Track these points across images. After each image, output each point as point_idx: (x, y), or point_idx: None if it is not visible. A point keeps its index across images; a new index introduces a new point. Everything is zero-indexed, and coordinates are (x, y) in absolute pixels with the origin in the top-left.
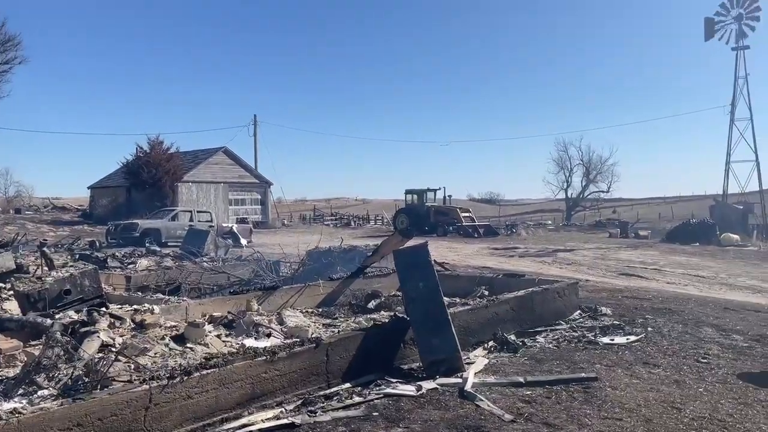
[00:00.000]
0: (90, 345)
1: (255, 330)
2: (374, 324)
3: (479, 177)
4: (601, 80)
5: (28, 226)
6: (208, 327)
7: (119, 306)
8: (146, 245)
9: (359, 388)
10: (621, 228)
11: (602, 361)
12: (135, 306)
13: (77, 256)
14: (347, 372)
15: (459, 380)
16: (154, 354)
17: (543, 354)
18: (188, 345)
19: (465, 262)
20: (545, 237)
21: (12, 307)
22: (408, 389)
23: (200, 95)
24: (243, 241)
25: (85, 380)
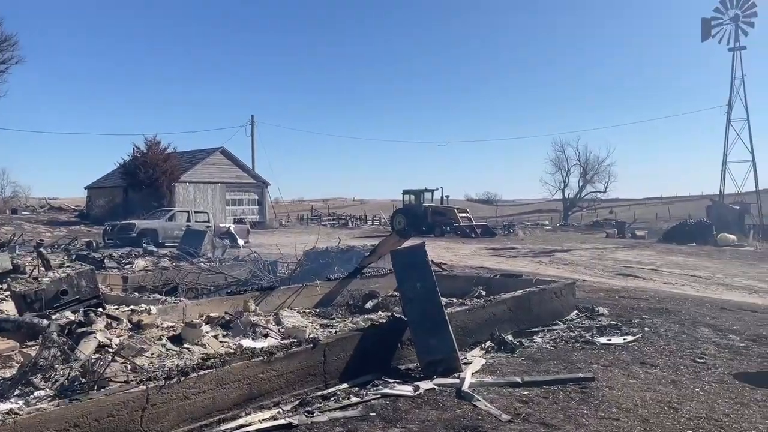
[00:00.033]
0: (87, 345)
1: (252, 330)
2: (372, 324)
3: (477, 177)
4: (600, 80)
5: (25, 227)
6: (206, 327)
7: (116, 306)
8: (143, 246)
9: (356, 389)
10: (618, 228)
11: (599, 361)
12: (132, 306)
13: (74, 257)
14: (344, 372)
15: (456, 380)
16: (151, 354)
17: (540, 354)
18: (185, 345)
19: (462, 263)
20: (542, 237)
21: (8, 308)
22: (405, 389)
23: (198, 95)
24: (240, 242)
25: (82, 381)
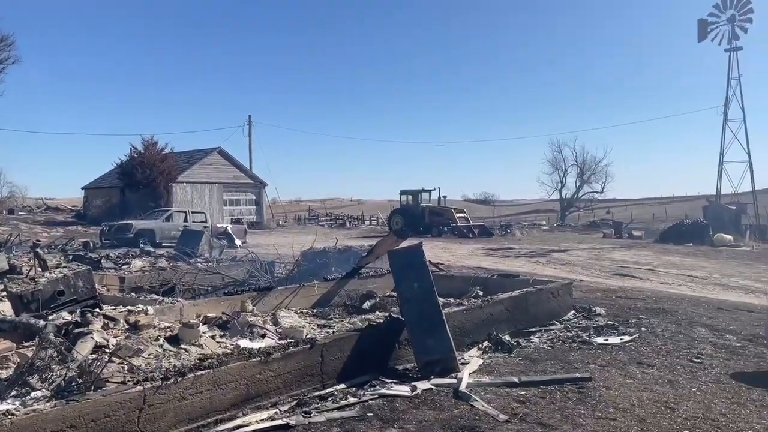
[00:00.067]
0: (83, 346)
1: (249, 331)
2: (369, 324)
3: (474, 177)
4: (597, 81)
5: (22, 227)
6: (203, 328)
7: (113, 307)
8: (140, 246)
9: (354, 389)
10: (615, 228)
11: (596, 361)
12: (129, 307)
13: (71, 257)
14: (342, 372)
15: (454, 380)
16: (148, 355)
17: (537, 354)
18: (182, 346)
19: (460, 263)
20: (540, 237)
21: (5, 308)
22: (403, 390)
23: (195, 95)
24: (237, 242)
25: (79, 381)
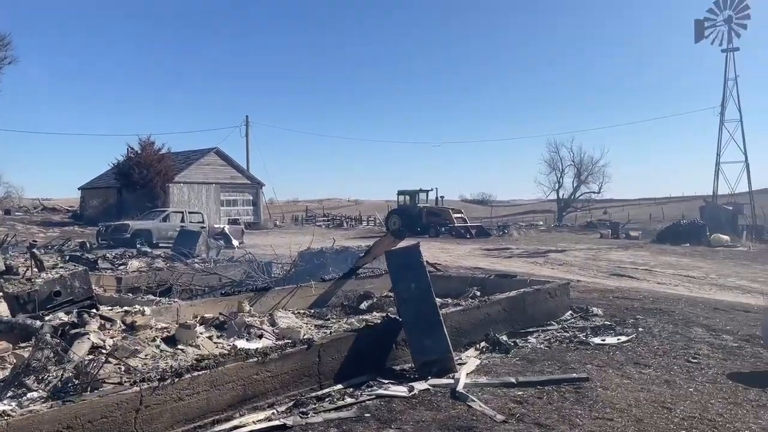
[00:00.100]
0: (80, 347)
1: (247, 331)
2: (366, 325)
3: (471, 178)
4: (595, 81)
5: (18, 227)
6: (200, 328)
7: (110, 307)
8: (137, 246)
9: (351, 389)
10: (612, 229)
11: (593, 362)
12: (126, 307)
13: (67, 258)
14: (339, 373)
15: (451, 381)
16: (145, 356)
17: (534, 354)
18: (179, 346)
19: (457, 263)
20: (537, 238)
21: (1, 309)
22: (400, 390)
23: (193, 96)
24: (235, 242)
25: (75, 382)
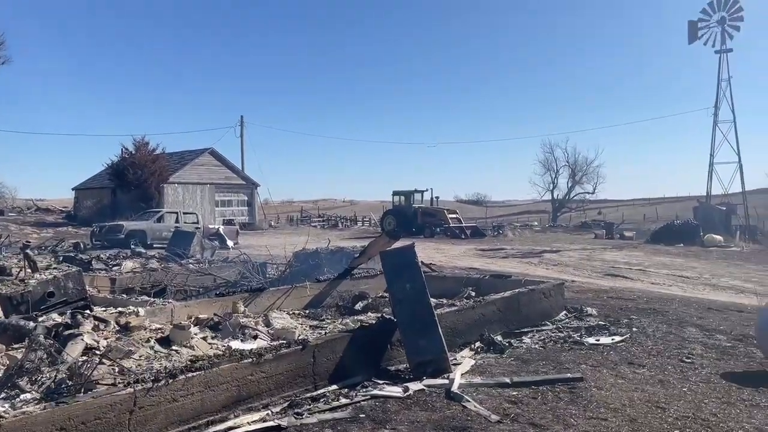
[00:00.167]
0: (74, 348)
1: (241, 332)
2: (361, 325)
3: (467, 178)
4: (591, 81)
5: (12, 228)
6: (194, 329)
7: (104, 308)
8: (131, 247)
9: (346, 390)
10: (606, 229)
11: (588, 362)
12: (120, 308)
13: (61, 259)
14: (334, 374)
15: (446, 381)
16: (139, 357)
17: (529, 354)
18: (173, 347)
19: (452, 263)
20: (531, 238)
21: None
22: (395, 390)
23: (188, 96)
24: (229, 243)
25: (69, 383)
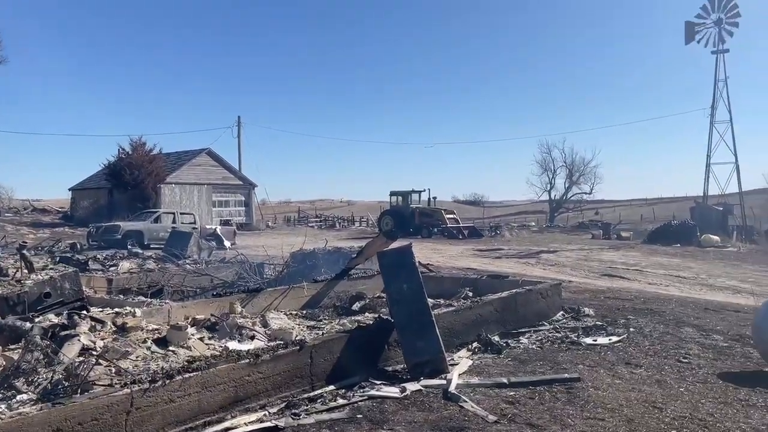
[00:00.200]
0: (70, 349)
1: (238, 333)
2: (358, 326)
3: (464, 179)
4: (589, 82)
5: (8, 229)
6: (191, 330)
7: (100, 309)
8: (128, 247)
9: (343, 390)
10: (603, 229)
11: (585, 362)
12: (116, 309)
13: (58, 259)
14: (331, 374)
15: (443, 381)
16: (136, 357)
17: (526, 355)
18: (170, 348)
19: (449, 264)
20: (529, 238)
21: None
22: (392, 391)
23: (185, 96)
24: (227, 243)
25: (65, 384)
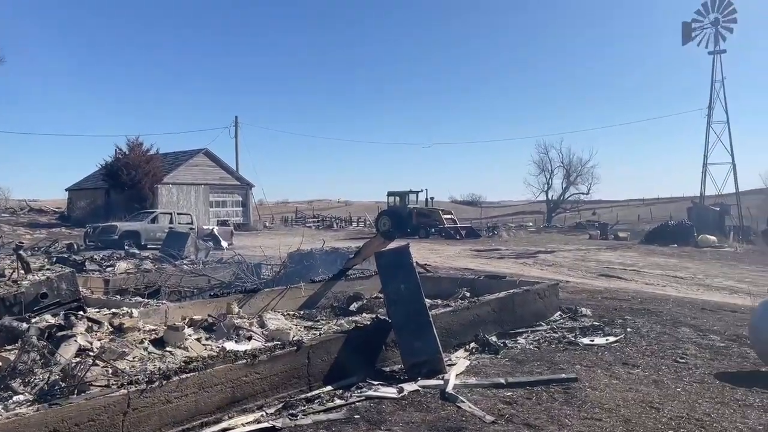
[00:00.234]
0: (67, 349)
1: (236, 333)
2: (356, 326)
3: (462, 179)
4: (588, 82)
5: (5, 229)
6: (188, 330)
7: (97, 309)
8: (125, 248)
9: (341, 391)
10: (601, 229)
11: (582, 362)
12: (113, 309)
13: (54, 259)
14: (329, 375)
15: (440, 382)
16: (133, 358)
17: (524, 355)
18: (168, 349)
19: (447, 264)
20: (526, 239)
21: None
22: (389, 391)
23: (185, 96)
24: (224, 244)
25: (62, 385)
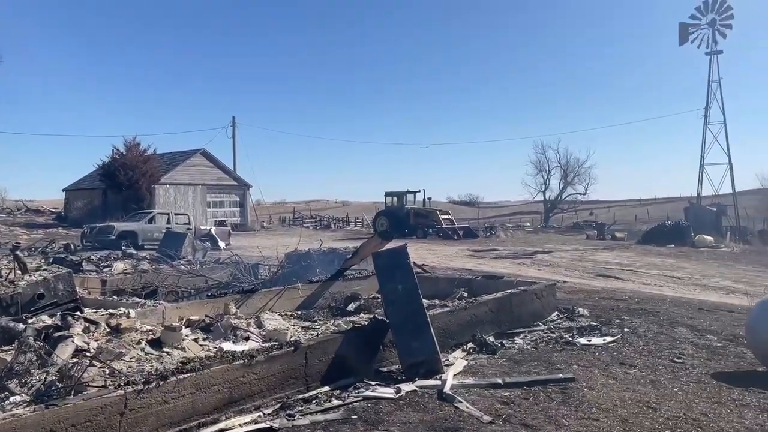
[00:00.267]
0: (64, 350)
1: (233, 333)
2: (353, 327)
3: (459, 179)
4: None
5: (1, 229)
6: (185, 331)
7: (94, 310)
8: (122, 248)
9: (338, 391)
10: (598, 230)
11: (579, 362)
12: (110, 310)
13: (51, 260)
14: (326, 375)
15: (438, 382)
16: (130, 359)
17: (521, 355)
18: (165, 349)
19: (444, 264)
20: (524, 239)
21: None
22: (387, 392)
23: (184, 96)
24: (221, 244)
25: (59, 386)
